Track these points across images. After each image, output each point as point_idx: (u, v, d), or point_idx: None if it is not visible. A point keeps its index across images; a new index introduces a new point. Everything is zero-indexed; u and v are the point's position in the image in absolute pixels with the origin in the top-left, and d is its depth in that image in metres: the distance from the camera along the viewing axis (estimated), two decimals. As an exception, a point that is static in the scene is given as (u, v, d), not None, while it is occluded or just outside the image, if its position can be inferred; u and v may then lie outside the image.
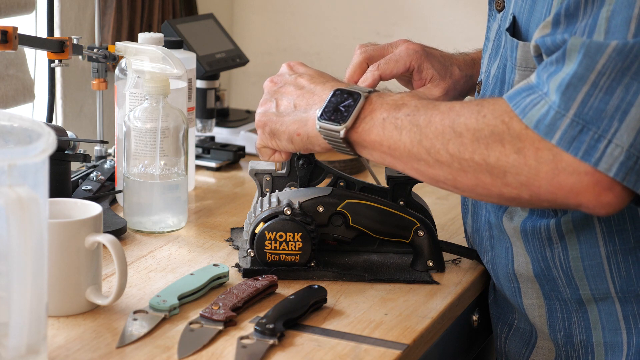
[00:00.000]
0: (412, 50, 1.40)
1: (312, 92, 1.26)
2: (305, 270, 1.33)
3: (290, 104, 1.27)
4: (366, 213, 1.36)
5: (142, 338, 1.14)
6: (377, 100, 1.19)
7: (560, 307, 1.28)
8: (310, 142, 1.25)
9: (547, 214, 1.25)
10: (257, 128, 1.30)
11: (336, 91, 1.22)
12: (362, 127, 1.19)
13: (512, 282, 1.32)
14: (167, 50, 1.49)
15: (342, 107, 1.20)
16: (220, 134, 1.96)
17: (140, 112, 1.47)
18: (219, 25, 2.01)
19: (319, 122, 1.21)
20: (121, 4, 1.98)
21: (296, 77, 1.30)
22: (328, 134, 1.21)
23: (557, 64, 1.08)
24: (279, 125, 1.27)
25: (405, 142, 1.15)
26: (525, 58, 1.21)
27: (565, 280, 1.26)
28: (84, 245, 1.18)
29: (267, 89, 1.32)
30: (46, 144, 0.97)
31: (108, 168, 1.65)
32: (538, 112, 1.07)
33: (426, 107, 1.15)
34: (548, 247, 1.25)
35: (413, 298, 1.29)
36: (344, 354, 1.14)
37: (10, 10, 1.73)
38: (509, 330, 1.37)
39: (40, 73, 1.88)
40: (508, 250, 1.31)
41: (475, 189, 1.13)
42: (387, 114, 1.17)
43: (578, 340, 1.28)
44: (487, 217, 1.33)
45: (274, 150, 1.31)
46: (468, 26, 2.26)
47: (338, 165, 1.82)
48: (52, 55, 1.57)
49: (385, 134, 1.17)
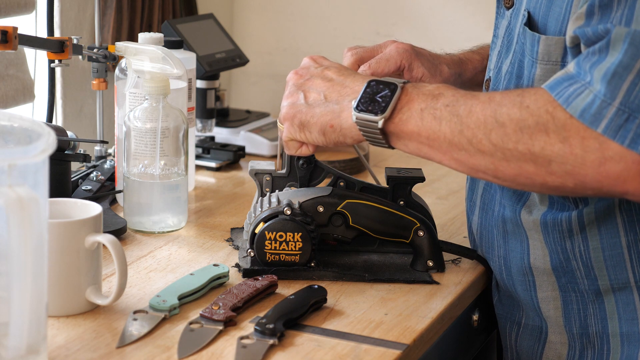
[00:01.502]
0: (402, 49, 1.41)
1: (341, 84, 1.26)
2: (305, 270, 1.33)
3: (319, 96, 1.26)
4: (366, 213, 1.36)
5: (142, 338, 1.14)
6: (413, 90, 1.19)
7: (576, 298, 1.29)
8: (343, 134, 1.24)
9: (568, 206, 1.26)
10: (284, 121, 1.29)
11: (371, 82, 1.22)
12: (399, 117, 1.19)
13: (527, 275, 1.32)
14: (167, 50, 1.49)
15: (378, 98, 1.20)
16: (220, 134, 1.96)
17: (140, 112, 1.47)
18: (219, 25, 2.01)
19: (355, 113, 1.21)
20: (121, 4, 1.98)
21: (323, 69, 1.29)
22: (365, 125, 1.20)
23: (600, 53, 1.10)
24: (309, 117, 1.26)
25: (445, 132, 1.16)
26: (548, 52, 1.22)
27: (584, 271, 1.27)
28: (84, 245, 1.18)
29: (292, 82, 1.30)
30: (46, 144, 0.97)
31: (108, 168, 1.65)
32: (583, 101, 1.09)
33: (465, 97, 1.16)
34: (568, 239, 1.26)
35: (413, 298, 1.29)
36: (344, 354, 1.14)
37: (10, 10, 1.73)
38: (519, 329, 1.37)
39: (40, 73, 1.88)
40: (524, 244, 1.31)
41: (517, 178, 1.14)
42: (424, 104, 1.17)
43: (594, 331, 1.29)
44: (500, 212, 1.34)
45: (301, 143, 1.30)
46: (468, 26, 2.26)
47: (338, 165, 1.82)
48: (52, 55, 1.57)
49: (423, 125, 1.17)
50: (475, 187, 1.40)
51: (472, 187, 1.41)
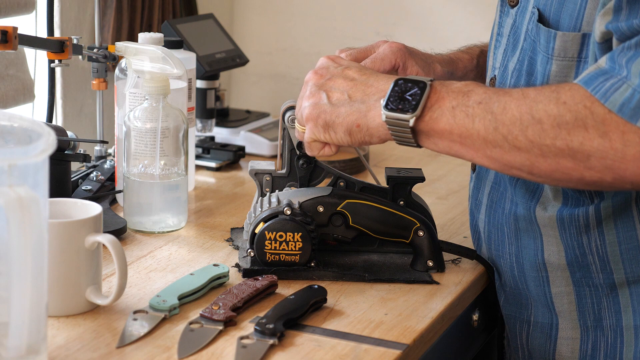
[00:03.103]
0: (395, 48, 1.41)
1: (365, 83, 1.24)
2: (305, 270, 1.33)
3: (343, 96, 1.24)
4: (366, 213, 1.36)
5: (142, 338, 1.14)
6: (441, 88, 1.19)
7: (590, 292, 1.30)
8: (370, 134, 1.23)
9: (583, 201, 1.26)
10: (306, 121, 1.27)
11: (398, 80, 1.21)
12: (430, 115, 1.18)
13: (540, 272, 1.32)
14: (167, 50, 1.49)
15: (408, 96, 1.19)
16: (220, 134, 1.96)
17: (140, 112, 1.47)
18: (219, 25, 2.01)
19: (385, 112, 1.19)
20: (121, 4, 1.98)
21: (343, 68, 1.28)
22: (395, 124, 1.19)
23: (636, 48, 1.10)
24: (334, 117, 1.24)
25: (478, 129, 1.15)
26: (564, 48, 1.23)
27: (599, 265, 1.27)
28: (84, 245, 1.18)
29: (312, 82, 1.28)
30: (46, 144, 0.97)
31: (108, 168, 1.65)
32: (621, 95, 1.09)
33: (497, 94, 1.16)
34: (585, 234, 1.27)
35: (413, 298, 1.29)
36: (344, 354, 1.14)
37: (10, 10, 1.73)
38: (529, 327, 1.37)
39: (40, 73, 1.89)
40: (537, 240, 1.32)
41: (554, 174, 1.14)
42: (455, 102, 1.17)
43: (607, 324, 1.29)
44: (512, 210, 1.34)
45: (323, 144, 1.29)
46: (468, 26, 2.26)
47: (338, 165, 1.82)
48: (52, 55, 1.57)
49: (456, 122, 1.16)
50: (482, 186, 1.40)
51: (477, 186, 1.41)
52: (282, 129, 1.41)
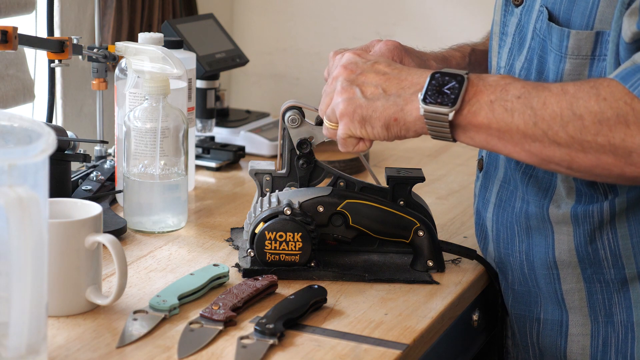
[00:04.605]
0: (392, 46, 1.41)
1: (398, 77, 1.23)
2: (305, 270, 1.33)
3: (377, 90, 1.23)
4: (366, 213, 1.36)
5: (142, 338, 1.14)
6: (478, 81, 1.18)
7: (601, 288, 1.30)
8: (406, 128, 1.22)
9: (597, 197, 1.27)
10: (341, 117, 1.25)
11: (435, 74, 1.20)
12: (468, 109, 1.17)
13: (551, 269, 1.33)
14: (167, 50, 1.49)
15: (446, 90, 1.18)
16: (220, 134, 1.96)
17: (140, 112, 1.47)
18: (219, 25, 2.01)
19: (423, 106, 1.19)
20: (121, 4, 1.98)
21: (372, 63, 1.26)
22: (433, 117, 1.18)
23: None
24: (371, 112, 1.23)
25: (518, 124, 1.15)
26: (578, 46, 1.23)
27: (611, 260, 1.28)
28: (84, 245, 1.18)
29: (343, 77, 1.26)
30: (46, 144, 0.97)
31: (108, 168, 1.65)
32: None
33: (536, 88, 1.16)
34: (598, 230, 1.28)
35: (413, 298, 1.29)
36: (344, 354, 1.14)
37: (10, 10, 1.73)
38: (539, 325, 1.37)
39: (40, 73, 1.89)
40: (548, 238, 1.32)
41: (594, 170, 1.14)
42: (494, 96, 1.17)
43: (618, 320, 1.30)
44: (523, 209, 1.34)
45: (358, 139, 1.27)
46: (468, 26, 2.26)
47: (338, 165, 1.82)
48: (52, 55, 1.57)
49: (495, 117, 1.16)
50: (490, 185, 1.40)
51: (485, 185, 1.41)
52: (282, 129, 1.41)
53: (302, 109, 1.41)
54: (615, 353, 1.31)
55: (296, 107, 1.40)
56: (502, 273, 1.41)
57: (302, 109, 1.41)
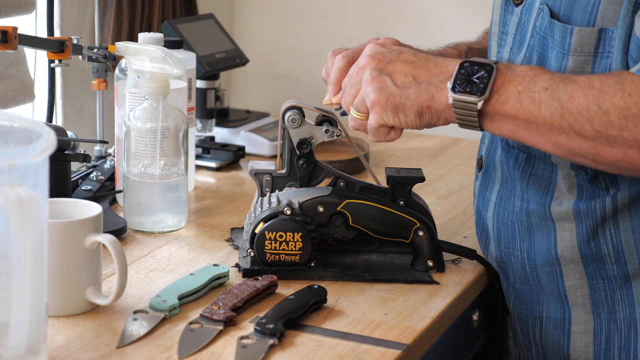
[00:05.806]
0: (390, 43, 1.40)
1: (426, 66, 1.23)
2: (305, 270, 1.33)
3: (408, 78, 1.23)
4: (366, 213, 1.36)
5: (142, 338, 1.14)
6: (507, 71, 1.19)
7: (604, 285, 1.30)
8: (437, 116, 1.22)
9: (599, 193, 1.27)
10: (372, 106, 1.24)
11: (464, 63, 1.20)
12: (496, 99, 1.18)
13: (554, 266, 1.33)
14: (167, 50, 1.49)
15: (475, 79, 1.18)
16: (220, 134, 1.96)
17: (140, 112, 1.47)
18: (219, 25, 2.01)
19: (452, 95, 1.19)
20: (121, 4, 1.98)
21: (398, 52, 1.27)
22: (462, 106, 1.19)
23: None
24: (404, 99, 1.23)
25: (545, 116, 1.16)
26: (581, 43, 1.23)
27: (614, 256, 1.28)
28: (84, 245, 1.18)
29: (371, 66, 1.25)
30: (46, 144, 0.97)
31: (108, 168, 1.65)
32: None
33: (564, 81, 1.16)
34: (600, 225, 1.28)
35: (413, 298, 1.29)
36: (344, 354, 1.14)
37: (10, 10, 1.73)
38: (541, 324, 1.37)
39: (40, 73, 1.88)
40: (550, 235, 1.32)
41: (619, 163, 1.15)
42: (522, 86, 1.17)
43: (621, 317, 1.30)
44: (524, 207, 1.34)
45: (389, 128, 1.26)
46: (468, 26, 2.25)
47: (338, 165, 1.82)
48: (52, 55, 1.57)
49: (522, 107, 1.17)
50: (490, 184, 1.40)
51: (484, 184, 1.41)
52: (282, 129, 1.41)
53: (302, 109, 1.41)
54: (619, 350, 1.31)
55: (296, 107, 1.40)
56: (503, 272, 1.41)
57: (302, 109, 1.41)
